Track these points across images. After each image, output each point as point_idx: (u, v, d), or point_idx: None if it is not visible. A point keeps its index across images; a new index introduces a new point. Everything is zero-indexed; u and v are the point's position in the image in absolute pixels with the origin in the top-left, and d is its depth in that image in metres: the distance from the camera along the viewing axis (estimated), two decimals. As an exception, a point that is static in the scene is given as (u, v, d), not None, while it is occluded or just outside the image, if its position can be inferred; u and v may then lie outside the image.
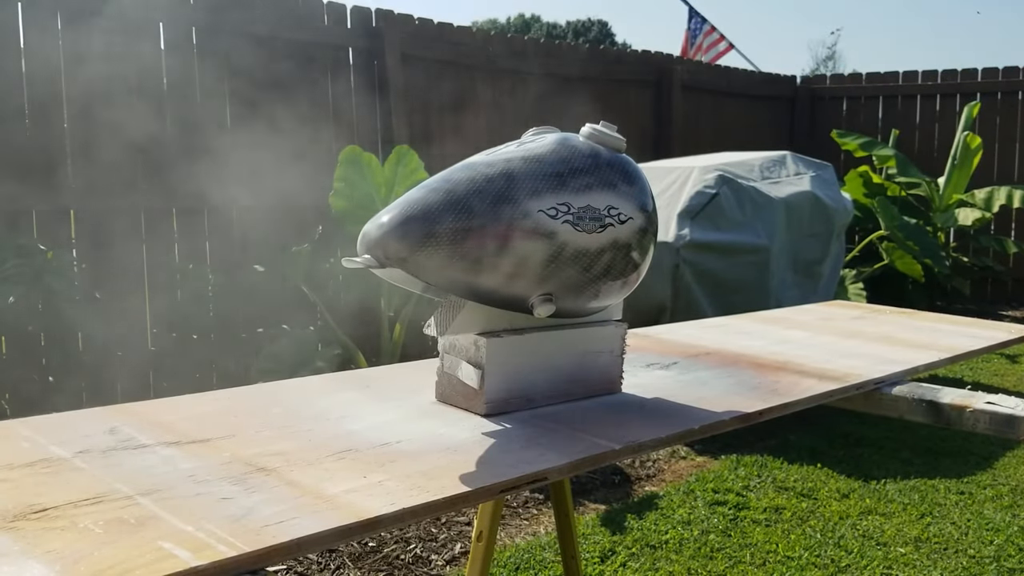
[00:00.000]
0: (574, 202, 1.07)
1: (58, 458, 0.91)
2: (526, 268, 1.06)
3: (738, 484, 3.19)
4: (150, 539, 0.72)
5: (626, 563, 2.58)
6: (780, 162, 4.53)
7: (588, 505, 3.00)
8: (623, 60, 6.89)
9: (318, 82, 4.66)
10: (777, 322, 1.88)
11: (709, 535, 2.77)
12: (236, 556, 0.69)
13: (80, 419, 1.06)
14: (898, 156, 6.59)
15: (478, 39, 5.63)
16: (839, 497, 3.10)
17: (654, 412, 1.15)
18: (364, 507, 0.80)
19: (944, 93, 7.74)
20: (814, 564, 2.60)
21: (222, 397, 1.19)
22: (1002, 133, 7.51)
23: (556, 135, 1.14)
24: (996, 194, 6.54)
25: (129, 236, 3.99)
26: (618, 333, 1.22)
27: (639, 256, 1.14)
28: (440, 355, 1.16)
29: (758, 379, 1.33)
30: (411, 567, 2.57)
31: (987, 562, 2.63)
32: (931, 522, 2.90)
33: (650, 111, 6.97)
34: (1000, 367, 5.04)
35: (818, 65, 38.61)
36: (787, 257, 4.23)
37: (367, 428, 1.05)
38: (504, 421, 1.08)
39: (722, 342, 1.62)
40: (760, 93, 8.06)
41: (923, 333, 1.75)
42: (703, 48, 9.47)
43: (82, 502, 0.79)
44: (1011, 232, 7.44)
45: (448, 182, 1.06)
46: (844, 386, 1.30)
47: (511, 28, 46.27)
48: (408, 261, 1.03)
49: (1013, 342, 1.74)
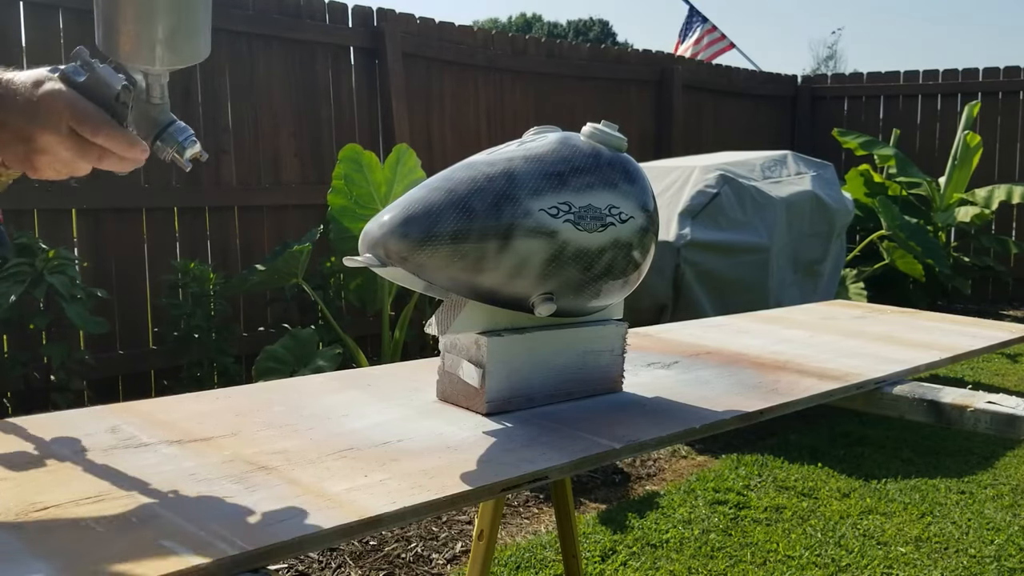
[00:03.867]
0: (575, 201, 1.07)
1: (59, 457, 0.91)
2: (527, 267, 1.06)
3: (739, 483, 3.19)
4: (151, 537, 0.72)
5: (627, 562, 2.58)
6: (781, 161, 4.53)
7: (589, 504, 3.01)
8: (624, 59, 6.89)
9: (319, 80, 4.66)
10: (778, 321, 1.88)
11: (710, 534, 2.77)
12: (237, 554, 0.70)
13: (81, 418, 1.07)
14: (899, 155, 6.59)
15: (479, 38, 5.63)
16: (840, 496, 3.10)
17: (655, 411, 1.15)
18: (365, 506, 0.80)
19: (945, 93, 7.73)
20: (815, 563, 2.60)
21: (223, 396, 1.19)
22: (1003, 133, 7.51)
23: (557, 134, 1.14)
24: (996, 192, 6.54)
25: (131, 234, 3.99)
26: (619, 332, 1.22)
27: (640, 255, 1.14)
28: (441, 354, 1.16)
29: (759, 378, 1.33)
30: (412, 566, 2.57)
31: (988, 561, 2.63)
32: (932, 521, 2.90)
33: (651, 110, 6.97)
34: (1001, 367, 5.04)
35: (819, 64, 38.63)
36: (788, 256, 4.23)
37: (368, 427, 1.05)
38: (505, 420, 1.09)
39: (723, 341, 1.62)
40: (761, 92, 8.06)
41: (924, 333, 1.75)
42: (703, 46, 9.45)
43: (83, 500, 0.79)
44: (1012, 232, 7.44)
45: (449, 181, 1.06)
46: (845, 385, 1.30)
47: (512, 27, 46.27)
48: (409, 260, 1.03)
49: (1014, 342, 1.74)
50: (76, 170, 0.89)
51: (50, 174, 0.89)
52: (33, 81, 0.86)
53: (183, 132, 0.88)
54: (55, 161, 0.87)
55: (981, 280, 7.39)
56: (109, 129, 0.85)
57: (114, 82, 0.86)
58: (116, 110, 0.86)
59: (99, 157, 0.87)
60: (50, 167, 0.88)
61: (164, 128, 0.88)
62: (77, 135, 0.85)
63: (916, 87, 7.86)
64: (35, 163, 0.88)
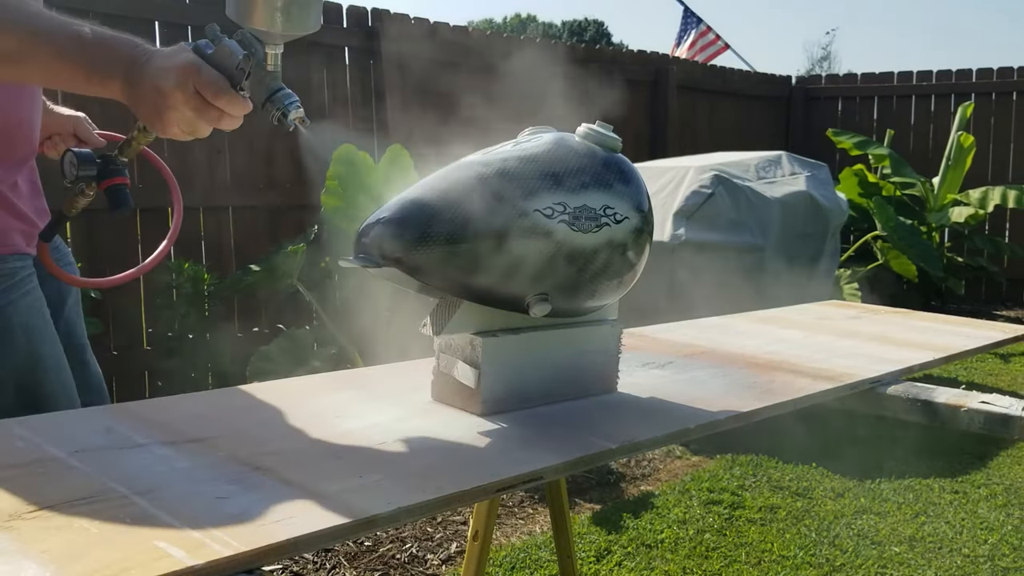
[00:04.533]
0: (570, 202, 1.07)
1: (53, 458, 0.91)
2: (522, 268, 1.06)
3: (733, 483, 3.19)
4: (146, 538, 0.72)
5: (622, 562, 2.58)
6: (775, 162, 4.53)
7: (584, 504, 3.01)
8: (619, 60, 6.89)
9: (313, 80, 4.66)
10: (772, 322, 1.88)
11: (704, 534, 2.78)
12: (232, 555, 0.69)
13: (76, 418, 1.06)
14: (893, 156, 6.60)
15: (474, 38, 5.63)
16: (834, 496, 3.11)
17: (650, 411, 1.15)
18: (360, 506, 0.80)
19: (939, 93, 7.75)
20: (809, 563, 2.60)
21: (218, 397, 1.19)
22: (996, 133, 7.52)
23: (552, 135, 1.14)
24: (991, 194, 6.55)
25: (124, 234, 3.98)
26: (614, 333, 1.22)
27: (635, 256, 1.14)
28: (436, 355, 1.16)
29: (753, 378, 1.33)
30: (407, 566, 2.57)
31: (981, 561, 2.63)
32: (926, 521, 2.91)
33: (646, 111, 6.97)
34: (994, 367, 5.05)
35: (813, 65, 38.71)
36: (782, 257, 4.23)
37: (363, 427, 1.05)
38: (500, 420, 1.08)
39: (718, 342, 1.62)
40: (756, 93, 8.07)
41: (918, 333, 1.76)
42: (698, 47, 9.47)
43: (78, 501, 0.79)
44: (1005, 233, 7.46)
45: (444, 181, 1.06)
46: (839, 386, 1.31)
47: (507, 28, 46.27)
48: (403, 261, 1.03)
49: (1007, 342, 1.75)
50: (197, 130, 1.05)
51: (176, 131, 1.05)
52: (172, 51, 1.04)
53: (289, 97, 1.04)
54: (181, 119, 1.03)
55: (974, 280, 7.41)
56: (226, 93, 1.01)
57: (237, 53, 1.02)
58: (235, 76, 1.02)
59: (218, 118, 1.04)
60: (176, 124, 1.04)
61: (274, 93, 1.03)
62: (201, 97, 1.01)
63: (910, 88, 7.88)
64: (164, 119, 1.04)
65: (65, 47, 1.05)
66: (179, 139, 1.08)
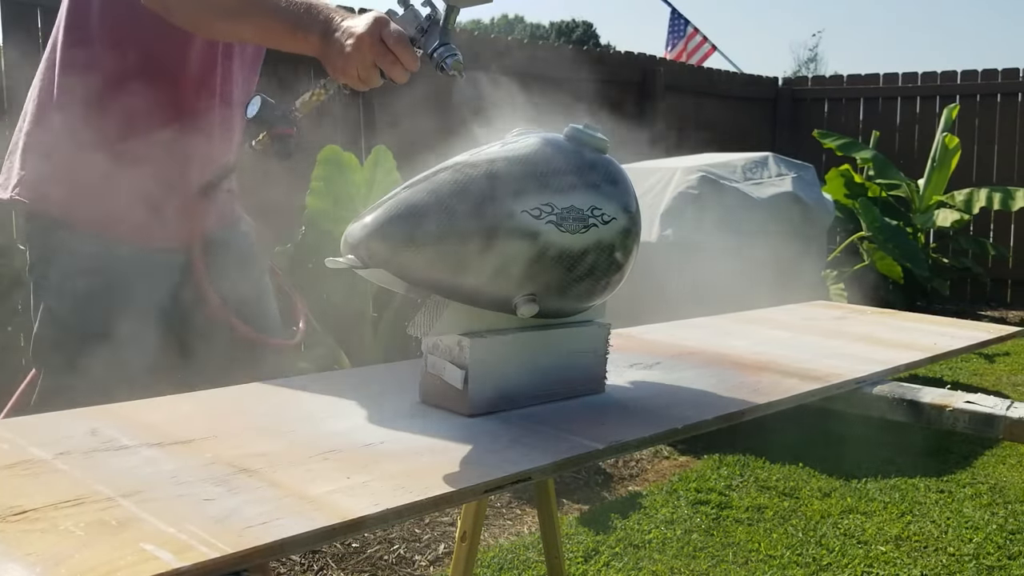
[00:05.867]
0: (557, 202, 1.07)
1: (39, 460, 0.91)
2: (509, 268, 1.06)
3: (720, 483, 3.20)
4: (132, 541, 0.71)
5: (609, 563, 2.58)
6: (762, 163, 4.55)
7: (571, 505, 3.01)
8: (606, 61, 6.90)
9: (299, 82, 4.64)
10: (759, 322, 1.89)
11: (692, 534, 2.78)
12: (218, 557, 0.69)
13: (61, 420, 1.06)
14: (878, 157, 6.64)
15: (460, 39, 5.62)
16: (821, 496, 3.12)
17: (637, 412, 1.15)
18: (348, 508, 0.80)
19: (924, 95, 7.80)
20: (796, 563, 2.61)
21: (204, 398, 1.18)
22: (981, 135, 7.57)
23: (539, 135, 1.14)
24: (976, 196, 6.59)
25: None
26: (602, 333, 1.22)
27: (622, 256, 1.14)
28: (424, 356, 1.16)
29: (740, 379, 1.33)
30: (395, 568, 2.57)
31: (966, 560, 2.65)
32: (911, 520, 2.92)
33: (633, 112, 6.99)
34: (979, 367, 5.08)
35: (800, 67, 38.85)
36: (769, 257, 4.25)
37: (351, 429, 1.04)
38: (488, 421, 1.08)
39: (705, 342, 1.62)
40: (742, 94, 8.10)
41: (904, 333, 1.77)
42: (687, 52, 9.50)
43: (63, 504, 0.79)
44: (990, 233, 7.51)
45: (431, 182, 1.06)
46: (826, 386, 1.31)
47: (494, 29, 46.26)
48: (391, 261, 1.03)
49: (992, 342, 1.76)
50: (370, 78, 1.26)
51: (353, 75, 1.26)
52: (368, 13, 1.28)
53: (451, 50, 1.24)
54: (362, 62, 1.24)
55: (959, 281, 7.45)
56: (404, 44, 1.24)
57: (421, 12, 1.26)
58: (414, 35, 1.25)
59: (392, 63, 1.24)
60: (356, 66, 1.25)
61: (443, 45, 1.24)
62: (384, 44, 1.23)
63: (895, 89, 7.92)
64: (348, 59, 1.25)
65: (278, 4, 1.30)
66: (354, 86, 1.28)
